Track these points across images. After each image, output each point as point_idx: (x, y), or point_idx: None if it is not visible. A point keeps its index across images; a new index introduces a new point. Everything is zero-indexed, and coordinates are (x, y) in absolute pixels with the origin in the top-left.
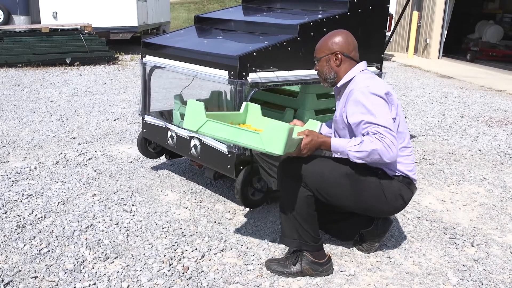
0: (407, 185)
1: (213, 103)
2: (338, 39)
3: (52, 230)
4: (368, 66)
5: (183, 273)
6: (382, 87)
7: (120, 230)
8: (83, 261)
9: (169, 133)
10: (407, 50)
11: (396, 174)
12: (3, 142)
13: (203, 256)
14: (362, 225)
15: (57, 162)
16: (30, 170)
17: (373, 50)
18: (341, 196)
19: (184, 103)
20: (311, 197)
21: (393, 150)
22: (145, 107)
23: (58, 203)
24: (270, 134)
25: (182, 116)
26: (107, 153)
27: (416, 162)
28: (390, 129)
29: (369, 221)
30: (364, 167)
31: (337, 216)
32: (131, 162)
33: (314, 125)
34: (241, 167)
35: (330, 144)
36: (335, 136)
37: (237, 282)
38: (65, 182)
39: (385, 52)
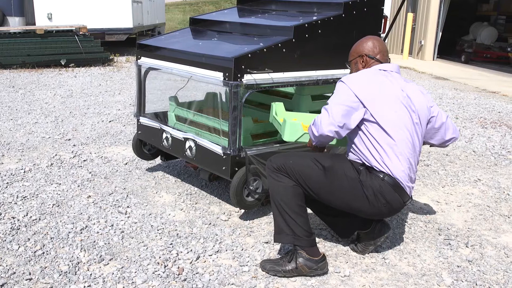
0: (391, 186)
1: (208, 104)
2: (364, 43)
3: (47, 232)
4: None
5: (178, 274)
6: (357, 84)
7: (115, 232)
8: (78, 263)
9: (164, 135)
10: (402, 51)
11: (376, 168)
12: None
13: (198, 258)
14: (359, 226)
15: (51, 164)
16: (24, 171)
17: None
18: (322, 191)
19: (179, 104)
20: (297, 188)
21: (317, 128)
22: (140, 108)
23: (53, 205)
24: (284, 127)
25: (177, 117)
26: (102, 155)
27: None
28: (328, 106)
29: (367, 222)
30: (346, 163)
31: (336, 211)
32: (126, 163)
33: None
34: (236, 169)
35: None
36: None
37: (232, 284)
38: (60, 184)
39: None
